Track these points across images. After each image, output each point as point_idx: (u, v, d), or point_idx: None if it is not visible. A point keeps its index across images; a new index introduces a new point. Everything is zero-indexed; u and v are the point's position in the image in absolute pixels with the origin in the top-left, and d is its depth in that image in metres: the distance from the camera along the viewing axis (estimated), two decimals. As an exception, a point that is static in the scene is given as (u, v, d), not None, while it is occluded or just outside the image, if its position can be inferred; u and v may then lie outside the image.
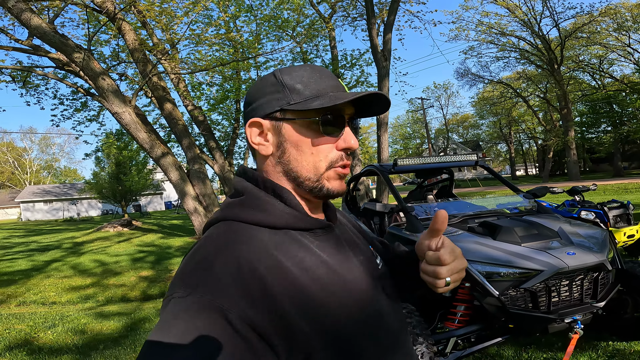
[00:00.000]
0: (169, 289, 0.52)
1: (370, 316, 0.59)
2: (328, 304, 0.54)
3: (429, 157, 3.44)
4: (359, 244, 0.70)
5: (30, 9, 7.14)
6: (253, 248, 0.54)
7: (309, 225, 0.60)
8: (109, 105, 7.73)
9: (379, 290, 0.64)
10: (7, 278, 7.26)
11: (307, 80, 0.61)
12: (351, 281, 0.59)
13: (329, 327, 0.53)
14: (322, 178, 0.62)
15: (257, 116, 0.62)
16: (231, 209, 0.61)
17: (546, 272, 2.00)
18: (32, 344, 3.75)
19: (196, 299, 0.47)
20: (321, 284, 0.55)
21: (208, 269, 0.50)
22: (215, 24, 10.65)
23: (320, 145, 0.61)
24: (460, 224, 2.69)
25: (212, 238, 0.56)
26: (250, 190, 0.62)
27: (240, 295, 0.48)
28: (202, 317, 0.45)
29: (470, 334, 2.33)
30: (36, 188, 41.47)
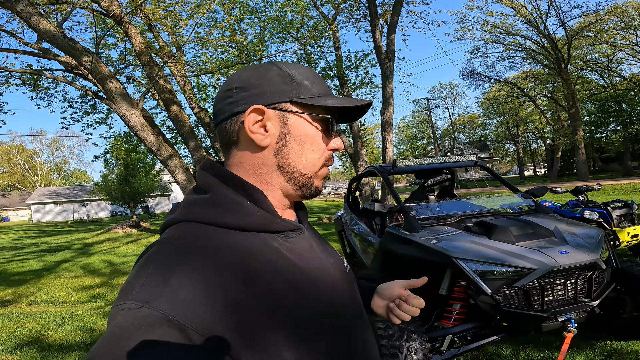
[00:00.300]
0: (119, 297, 0.46)
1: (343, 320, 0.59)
2: (303, 308, 0.52)
3: (428, 157, 3.48)
4: (327, 246, 0.71)
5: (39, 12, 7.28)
6: (220, 254, 0.50)
7: (281, 228, 0.58)
8: (116, 108, 7.86)
9: (350, 293, 0.66)
10: (18, 278, 7.43)
11: (312, 79, 0.62)
12: (325, 285, 0.59)
13: (305, 334, 0.51)
14: (315, 176, 0.62)
15: (259, 103, 0.58)
16: (195, 208, 0.56)
17: (538, 271, 2.03)
18: (42, 341, 3.85)
19: (149, 312, 0.42)
20: (295, 288, 0.53)
21: (165, 280, 0.45)
22: (220, 26, 10.77)
23: (320, 143, 0.62)
24: (458, 224, 2.73)
25: (172, 242, 0.51)
26: (217, 188, 0.58)
27: (203, 308, 0.44)
28: (157, 332, 0.41)
29: (466, 332, 2.36)
30: (46, 190, 42.09)
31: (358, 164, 11.93)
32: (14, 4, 6.94)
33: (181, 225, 0.55)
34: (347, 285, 0.66)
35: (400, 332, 2.05)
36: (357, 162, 11.99)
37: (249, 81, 0.60)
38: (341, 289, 0.63)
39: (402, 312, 0.81)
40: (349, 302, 0.64)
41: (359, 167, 11.84)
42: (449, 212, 3.03)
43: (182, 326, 0.42)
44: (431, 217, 2.92)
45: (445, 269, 2.48)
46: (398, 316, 0.82)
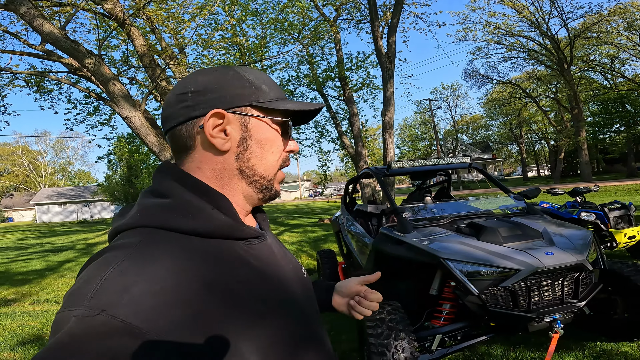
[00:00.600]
0: (68, 302, 0.43)
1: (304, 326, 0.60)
2: (266, 316, 0.52)
3: (422, 160, 3.52)
4: (286, 252, 0.71)
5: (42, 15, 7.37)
6: (181, 262, 0.48)
7: (245, 235, 0.58)
8: (119, 109, 7.94)
9: (308, 299, 0.67)
10: (21, 278, 7.51)
11: (269, 84, 0.62)
12: (285, 291, 0.59)
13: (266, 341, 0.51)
14: (274, 178, 0.64)
15: (219, 107, 0.57)
16: (154, 213, 0.53)
17: (523, 272, 2.07)
18: (44, 339, 3.92)
19: (107, 320, 0.40)
20: (259, 296, 0.53)
21: (126, 286, 0.43)
22: (222, 28, 10.84)
23: (279, 146, 0.63)
24: (449, 225, 2.78)
25: (129, 249, 0.48)
26: (178, 193, 0.55)
27: (166, 318, 0.42)
28: (116, 342, 0.39)
29: (455, 331, 2.40)
30: (51, 190, 42.38)
31: (359, 165, 11.96)
32: (18, 6, 7.04)
33: (139, 230, 0.52)
34: (304, 290, 0.67)
35: (389, 331, 2.10)
36: (358, 163, 12.03)
37: (207, 85, 0.58)
38: (300, 295, 0.64)
39: (362, 308, 0.85)
40: (307, 307, 0.65)
41: (361, 168, 11.86)
42: (443, 213, 3.08)
43: (144, 335, 0.40)
44: (424, 219, 2.96)
45: (435, 269, 2.52)
46: (360, 312, 0.86)
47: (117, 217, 0.58)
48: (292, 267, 0.68)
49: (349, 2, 12.61)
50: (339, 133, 13.48)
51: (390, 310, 2.25)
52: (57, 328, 0.42)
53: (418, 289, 2.78)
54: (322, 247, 8.48)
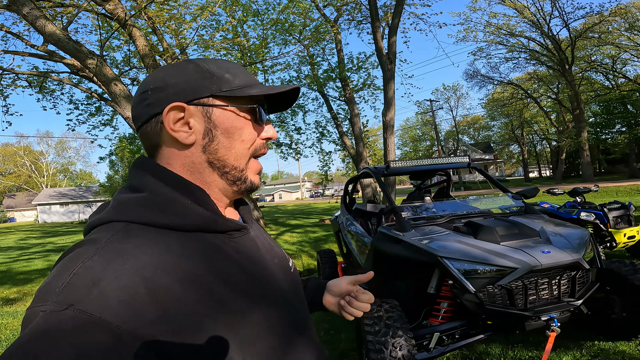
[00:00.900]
0: (37, 298, 0.43)
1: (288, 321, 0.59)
2: (244, 310, 0.51)
3: (421, 160, 3.54)
4: (273, 246, 0.70)
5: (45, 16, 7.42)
6: (158, 256, 0.47)
7: (224, 227, 0.57)
8: (121, 110, 7.97)
9: (294, 294, 0.65)
10: (23, 277, 7.55)
11: (233, 71, 0.60)
12: (269, 285, 0.58)
13: (244, 337, 0.50)
14: (246, 168, 0.61)
15: (178, 101, 0.56)
16: (128, 208, 0.53)
17: (520, 270, 2.08)
18: (45, 338, 3.95)
19: (76, 314, 0.39)
20: (238, 290, 0.52)
21: (94, 282, 0.42)
22: (223, 29, 10.88)
23: (249, 134, 0.61)
24: (447, 224, 2.79)
25: (101, 243, 0.47)
26: (154, 187, 0.55)
27: (136, 312, 0.41)
28: (85, 336, 0.38)
29: (453, 329, 2.42)
30: (52, 191, 42.52)
31: (360, 165, 11.98)
32: (20, 7, 7.09)
33: (112, 225, 0.51)
34: (290, 285, 0.66)
35: (386, 329, 2.11)
36: (359, 163, 12.04)
37: (165, 80, 0.58)
38: (284, 288, 0.63)
39: (353, 309, 0.84)
40: (293, 301, 0.64)
41: (361, 168, 11.88)
42: (441, 212, 3.09)
43: (113, 329, 0.40)
44: (422, 218, 2.98)
45: (433, 268, 2.54)
46: (350, 313, 0.84)
47: (94, 212, 0.57)
48: (278, 261, 0.67)
49: (349, 2, 12.64)
50: (340, 134, 13.51)
51: (388, 309, 2.27)
52: (26, 324, 0.41)
53: (416, 288, 2.79)
54: (322, 247, 8.49)
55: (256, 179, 0.64)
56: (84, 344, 0.38)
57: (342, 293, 0.87)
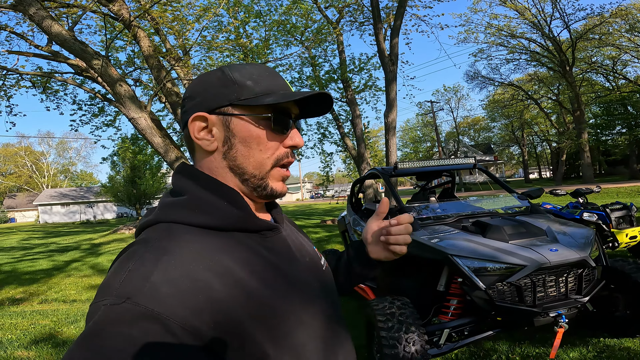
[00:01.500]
0: (98, 294, 0.47)
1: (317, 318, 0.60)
2: (277, 307, 0.54)
3: (427, 161, 3.60)
4: (305, 245, 0.72)
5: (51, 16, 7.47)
6: (196, 253, 0.51)
7: (257, 227, 0.60)
8: (125, 110, 8.02)
9: (324, 292, 0.66)
10: (29, 277, 7.60)
11: (257, 78, 0.61)
12: (299, 283, 0.60)
13: (279, 331, 0.52)
14: (267, 176, 0.62)
15: (202, 110, 0.60)
16: (171, 210, 0.58)
17: (529, 267, 2.14)
18: (57, 337, 3.97)
19: (131, 307, 0.43)
20: (270, 287, 0.54)
21: (146, 277, 0.46)
22: (226, 30, 10.93)
23: (268, 142, 0.61)
24: (455, 223, 2.85)
25: (150, 242, 0.52)
26: (193, 190, 0.59)
27: (182, 304, 0.45)
28: (138, 327, 0.42)
29: (463, 326, 2.47)
30: (53, 191, 42.56)
31: (362, 166, 12.03)
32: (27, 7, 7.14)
33: (159, 225, 0.56)
34: (321, 282, 0.67)
35: (399, 325, 2.17)
36: (360, 164, 12.09)
37: (194, 89, 0.62)
38: (316, 286, 0.64)
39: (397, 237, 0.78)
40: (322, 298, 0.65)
41: (363, 169, 11.92)
42: (448, 212, 3.15)
43: (165, 320, 0.43)
44: (430, 217, 3.04)
45: (442, 266, 2.60)
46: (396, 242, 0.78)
47: (144, 215, 0.62)
48: (309, 259, 0.68)
49: (351, 4, 12.71)
50: (341, 135, 13.56)
51: (400, 305, 2.33)
52: (90, 318, 0.46)
53: (424, 285, 2.85)
54: (325, 247, 8.55)
55: (278, 186, 0.64)
56: (139, 333, 0.42)
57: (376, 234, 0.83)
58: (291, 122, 0.64)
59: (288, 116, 0.63)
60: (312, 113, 0.70)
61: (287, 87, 0.64)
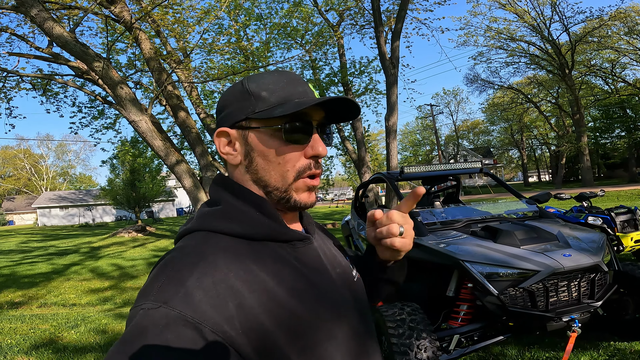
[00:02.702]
0: (138, 299, 0.50)
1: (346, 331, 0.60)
2: (305, 318, 0.54)
3: (435, 164, 3.57)
4: (337, 255, 0.71)
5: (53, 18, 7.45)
6: (230, 261, 0.53)
7: (288, 237, 0.60)
8: (126, 113, 8.00)
9: (354, 303, 0.65)
10: (28, 280, 7.54)
11: (273, 87, 0.60)
12: (329, 294, 0.60)
13: (307, 343, 0.53)
14: (290, 189, 0.61)
15: (225, 125, 0.62)
16: (207, 219, 0.59)
17: (542, 273, 2.12)
18: (57, 342, 3.92)
19: (167, 311, 0.45)
20: (299, 297, 0.54)
21: (181, 283, 0.48)
22: (227, 32, 10.91)
23: (286, 154, 0.60)
24: (464, 229, 2.82)
25: (186, 250, 0.54)
26: (228, 200, 0.61)
27: (215, 310, 0.47)
28: (172, 331, 0.44)
29: (473, 332, 2.44)
30: (52, 194, 42.43)
31: (362, 170, 12.01)
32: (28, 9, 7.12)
33: (195, 234, 0.58)
34: (352, 294, 0.66)
35: (410, 331, 2.14)
36: (361, 168, 12.07)
37: (221, 103, 0.64)
38: (346, 297, 0.64)
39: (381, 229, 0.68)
40: (353, 309, 0.64)
41: (363, 173, 11.91)
42: (455, 217, 3.12)
43: (197, 325, 0.45)
44: (437, 222, 3.01)
45: (451, 271, 2.57)
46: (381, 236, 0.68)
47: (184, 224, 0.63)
48: (341, 270, 0.67)
49: (352, 7, 12.73)
50: (341, 138, 13.54)
51: (410, 311, 2.29)
52: (129, 322, 0.48)
53: (434, 291, 2.82)
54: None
55: (304, 197, 0.62)
56: (173, 337, 0.44)
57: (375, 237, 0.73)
58: (313, 130, 0.61)
59: (308, 124, 0.60)
60: (339, 118, 0.67)
61: (307, 93, 0.62)
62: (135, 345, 0.43)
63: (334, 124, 0.69)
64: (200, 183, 9.22)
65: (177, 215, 41.37)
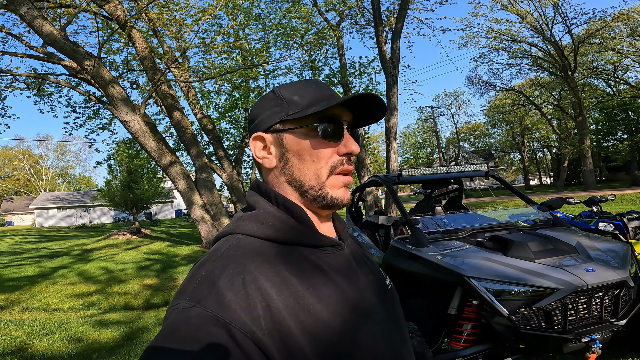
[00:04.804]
0: (174, 299, 0.52)
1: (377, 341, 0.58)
2: (333, 324, 0.53)
3: (435, 167, 3.30)
4: (368, 263, 0.70)
5: (42, 16, 7.23)
6: (260, 263, 0.54)
7: (319, 242, 0.61)
8: (118, 113, 7.77)
9: (387, 312, 0.64)
10: (12, 284, 7.29)
11: (303, 92, 0.63)
12: (359, 302, 0.59)
13: (332, 351, 0.52)
14: (324, 186, 0.62)
15: (260, 131, 0.64)
16: (241, 222, 0.61)
17: (563, 291, 1.85)
18: (26, 350, 3.68)
19: (200, 311, 0.47)
20: (327, 303, 0.54)
21: (214, 283, 0.50)
22: (224, 32, 10.69)
23: (320, 151, 0.62)
24: (469, 239, 2.55)
25: (220, 251, 0.56)
26: (262, 205, 0.62)
27: (244, 310, 0.48)
28: (204, 330, 0.46)
29: (477, 354, 2.17)
30: (50, 195, 42.21)
31: (362, 172, 11.77)
32: (18, 7, 6.91)
33: (230, 236, 0.60)
34: (385, 302, 0.65)
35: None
36: (360, 170, 11.83)
37: (254, 112, 0.67)
38: (378, 305, 0.63)
39: None
40: (385, 318, 0.63)
41: (363, 175, 11.67)
42: (458, 225, 2.85)
43: (227, 325, 0.46)
44: (439, 231, 2.73)
45: (454, 287, 2.29)
46: None
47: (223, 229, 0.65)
48: (373, 278, 0.67)
49: (352, 7, 12.51)
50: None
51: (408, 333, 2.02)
52: (165, 320, 0.50)
53: (434, 309, 2.54)
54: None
55: (339, 193, 0.63)
56: (205, 336, 0.45)
57: None
58: (344, 129, 0.64)
59: (338, 124, 0.63)
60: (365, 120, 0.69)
61: (334, 96, 0.64)
62: (170, 344, 0.45)
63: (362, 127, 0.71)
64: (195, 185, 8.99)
65: (175, 217, 41.11)
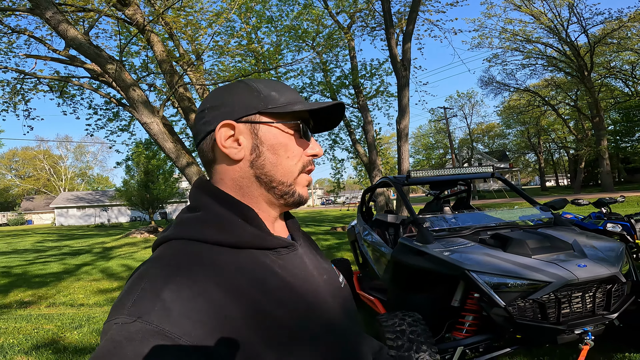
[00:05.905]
0: (111, 313, 0.47)
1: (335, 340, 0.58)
2: (292, 327, 0.52)
3: (443, 168, 3.44)
4: (322, 262, 0.70)
5: (67, 20, 7.56)
6: (210, 271, 0.50)
7: (272, 245, 0.59)
8: (138, 115, 8.07)
9: (342, 311, 0.64)
10: (39, 280, 7.63)
11: (280, 90, 0.63)
12: (315, 303, 0.58)
13: (293, 354, 0.51)
14: (294, 183, 0.62)
15: (229, 119, 0.60)
16: (187, 226, 0.57)
17: (555, 284, 1.99)
18: (59, 343, 3.91)
19: (144, 325, 0.43)
20: (285, 307, 0.53)
21: (158, 294, 0.46)
22: (238, 35, 10.95)
23: (295, 149, 0.62)
24: (472, 236, 2.69)
25: (163, 259, 0.52)
26: (209, 206, 0.59)
27: (195, 323, 0.45)
28: (149, 345, 0.42)
29: (478, 343, 2.31)
30: (70, 194, 43.36)
31: (373, 173, 11.87)
32: (43, 11, 7.25)
33: (173, 242, 0.56)
34: (340, 301, 0.65)
35: (410, 343, 2.03)
36: (372, 171, 11.94)
37: (219, 99, 0.62)
38: (333, 305, 0.62)
39: None
40: (340, 318, 0.62)
41: (374, 176, 11.78)
42: (464, 224, 2.99)
43: (175, 339, 0.43)
44: (445, 229, 2.88)
45: (457, 280, 2.44)
46: None
47: (162, 231, 0.62)
48: (327, 277, 0.66)
49: (363, 9, 12.64)
50: (352, 141, 13.42)
51: (411, 322, 2.18)
52: (103, 336, 0.46)
53: (437, 300, 2.70)
54: (335, 255, 8.40)
55: (304, 191, 0.65)
56: (150, 351, 0.42)
57: None
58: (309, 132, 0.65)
59: (309, 126, 0.65)
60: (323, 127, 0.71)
61: (304, 100, 0.66)
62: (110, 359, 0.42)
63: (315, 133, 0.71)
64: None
65: (190, 216, 41.75)
